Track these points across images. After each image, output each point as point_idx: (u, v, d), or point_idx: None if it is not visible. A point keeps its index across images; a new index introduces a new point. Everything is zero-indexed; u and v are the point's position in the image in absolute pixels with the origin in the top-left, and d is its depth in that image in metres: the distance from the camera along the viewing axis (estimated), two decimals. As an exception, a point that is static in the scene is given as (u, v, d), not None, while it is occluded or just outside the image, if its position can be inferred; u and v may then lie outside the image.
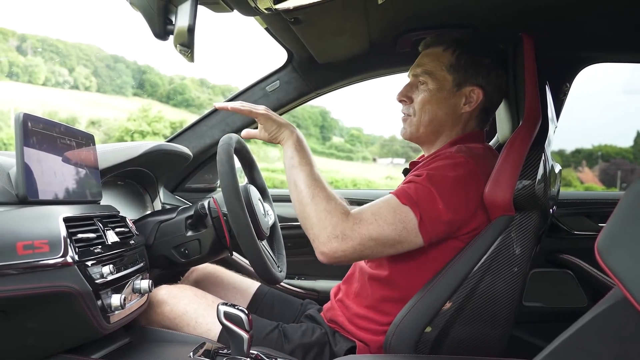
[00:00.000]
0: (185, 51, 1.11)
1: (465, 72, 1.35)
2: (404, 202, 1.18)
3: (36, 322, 1.03)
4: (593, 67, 1.85)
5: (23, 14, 45.85)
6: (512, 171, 1.17)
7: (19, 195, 1.08)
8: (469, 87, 1.36)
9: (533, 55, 1.29)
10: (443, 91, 1.36)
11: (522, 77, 1.29)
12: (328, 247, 1.18)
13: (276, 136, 1.30)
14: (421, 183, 1.20)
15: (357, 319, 1.37)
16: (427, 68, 1.38)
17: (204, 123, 2.05)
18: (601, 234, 0.69)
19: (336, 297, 1.50)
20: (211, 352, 1.23)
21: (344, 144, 34.33)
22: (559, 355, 0.70)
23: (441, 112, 1.37)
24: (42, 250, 0.98)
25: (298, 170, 1.25)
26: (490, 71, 1.36)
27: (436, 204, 1.18)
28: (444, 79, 1.36)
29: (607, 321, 0.67)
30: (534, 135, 1.21)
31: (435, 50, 1.39)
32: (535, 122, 1.23)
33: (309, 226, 1.22)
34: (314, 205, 1.21)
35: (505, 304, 1.19)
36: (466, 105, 1.37)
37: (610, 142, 22.56)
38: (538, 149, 1.20)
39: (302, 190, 1.23)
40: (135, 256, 1.32)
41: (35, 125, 1.13)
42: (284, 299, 1.72)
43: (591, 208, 2.07)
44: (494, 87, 1.38)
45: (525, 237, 1.19)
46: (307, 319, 1.54)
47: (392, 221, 1.17)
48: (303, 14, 1.34)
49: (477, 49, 1.38)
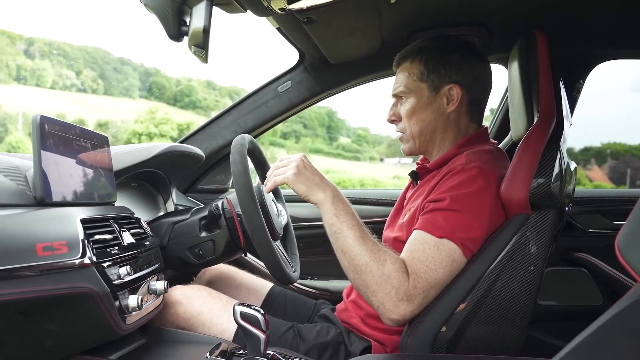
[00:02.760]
0: (199, 52, 1.11)
1: (437, 74, 1.36)
2: (440, 235, 1.16)
3: (55, 324, 1.03)
4: (600, 64, 1.84)
5: (30, 17, 46.17)
6: (528, 169, 1.17)
7: (36, 197, 1.08)
8: (446, 86, 1.36)
9: (547, 53, 1.28)
10: (423, 99, 1.38)
11: (536, 74, 1.28)
12: (397, 313, 1.14)
13: (308, 198, 1.24)
14: (448, 209, 1.18)
15: (371, 319, 1.37)
16: (403, 84, 1.40)
17: (216, 124, 2.06)
18: (621, 231, 0.68)
19: (349, 297, 1.49)
20: (227, 352, 1.23)
21: (351, 144, 34.31)
22: (580, 354, 0.69)
23: (428, 118, 1.38)
24: (61, 252, 0.98)
25: (343, 237, 1.19)
26: (461, 65, 1.37)
27: (470, 225, 1.17)
28: (419, 88, 1.38)
29: (629, 318, 0.67)
30: (549, 132, 1.20)
31: (405, 65, 1.41)
32: (551, 119, 1.22)
33: (370, 294, 1.16)
34: (370, 272, 1.15)
35: (521, 303, 1.17)
36: (450, 104, 1.37)
37: (619, 140, 22.36)
38: (554, 146, 1.19)
39: (352, 258, 1.18)
40: (150, 257, 1.32)
41: (52, 128, 1.14)
42: (297, 299, 1.72)
43: (606, 206, 2.06)
44: (471, 78, 1.38)
45: (542, 235, 1.17)
46: (321, 318, 1.54)
47: (441, 260, 1.15)
48: (316, 14, 1.34)
49: (442, 48, 1.39)
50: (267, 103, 2.02)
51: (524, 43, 1.37)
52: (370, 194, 2.30)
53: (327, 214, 1.22)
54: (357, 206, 2.21)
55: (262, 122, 2.04)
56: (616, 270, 1.93)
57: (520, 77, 1.37)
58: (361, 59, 1.84)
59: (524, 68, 1.36)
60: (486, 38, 1.64)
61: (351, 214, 1.22)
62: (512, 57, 1.46)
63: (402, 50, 1.44)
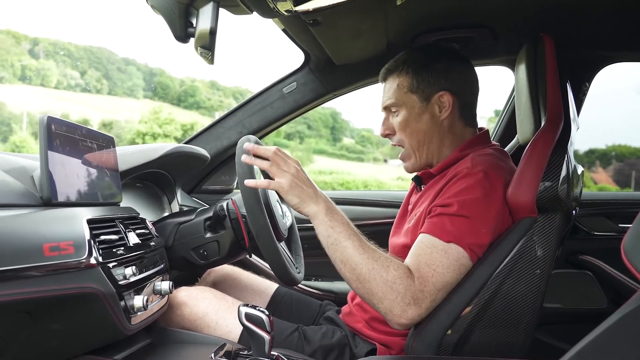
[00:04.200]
0: (205, 53, 1.12)
1: (426, 84, 1.36)
2: (448, 239, 1.16)
3: (60, 324, 1.03)
4: (604, 68, 1.83)
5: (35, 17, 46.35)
6: (535, 172, 1.16)
7: (43, 197, 1.09)
8: (436, 94, 1.36)
9: (554, 56, 1.28)
10: (415, 110, 1.37)
11: (543, 78, 1.28)
12: (405, 317, 1.13)
13: (300, 210, 1.22)
14: (456, 214, 1.18)
15: (376, 322, 1.37)
16: (393, 97, 1.39)
17: (221, 125, 2.06)
18: (627, 234, 0.68)
19: (353, 301, 1.49)
20: (232, 353, 1.23)
21: (354, 145, 34.26)
22: (585, 357, 0.69)
23: (423, 128, 1.38)
24: (68, 252, 0.98)
25: (341, 247, 1.18)
26: (448, 71, 1.37)
27: (478, 230, 1.17)
28: (410, 100, 1.38)
29: (634, 322, 0.66)
30: (556, 136, 1.20)
31: (392, 78, 1.41)
32: (558, 122, 1.22)
33: (376, 301, 1.15)
34: (374, 280, 1.14)
35: (527, 307, 1.17)
36: (442, 112, 1.36)
37: (624, 142, 22.24)
38: (561, 150, 1.18)
39: (354, 268, 1.16)
40: (155, 257, 1.32)
41: (59, 128, 1.14)
42: (302, 300, 1.72)
43: (611, 209, 2.05)
44: (460, 83, 1.38)
45: (548, 239, 1.17)
46: (326, 320, 1.54)
47: (449, 264, 1.15)
48: (322, 16, 1.34)
49: (427, 57, 1.39)
50: (272, 104, 2.02)
51: (532, 46, 1.37)
52: (374, 195, 2.30)
53: (321, 226, 1.20)
54: (361, 208, 2.22)
55: (267, 123, 2.04)
56: (621, 273, 1.93)
57: (527, 81, 1.36)
58: (367, 61, 1.84)
59: (531, 71, 1.36)
60: (491, 40, 1.64)
61: (346, 224, 1.21)
62: (519, 60, 1.45)
63: (387, 64, 1.44)
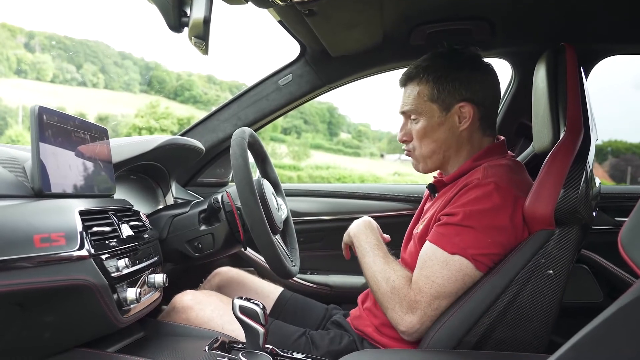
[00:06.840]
0: (200, 44, 1.10)
1: (447, 94, 1.33)
2: (452, 250, 1.17)
3: (53, 316, 1.02)
4: (601, 61, 1.83)
5: (31, 10, 46.07)
6: (555, 185, 1.14)
7: (34, 188, 1.07)
8: (457, 104, 1.33)
9: (576, 65, 1.24)
10: (434, 119, 1.35)
11: (563, 87, 1.24)
12: (404, 325, 1.21)
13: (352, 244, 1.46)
14: (460, 224, 1.18)
15: (386, 328, 1.35)
16: (412, 106, 1.37)
17: (216, 117, 2.05)
18: (624, 227, 0.67)
19: (364, 304, 1.47)
20: (226, 346, 1.22)
21: (351, 140, 34.20)
22: (580, 350, 0.68)
23: (441, 138, 1.36)
24: (59, 244, 0.97)
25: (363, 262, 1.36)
26: (470, 81, 1.33)
27: (483, 241, 1.16)
28: (430, 109, 1.35)
29: (631, 315, 0.66)
30: (577, 147, 1.17)
31: (412, 86, 1.38)
32: (578, 133, 1.18)
33: (384, 309, 1.27)
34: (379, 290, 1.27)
35: (540, 320, 1.16)
36: (462, 122, 1.34)
37: (620, 138, 22.24)
38: (581, 161, 1.15)
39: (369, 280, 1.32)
40: (149, 250, 1.31)
41: (50, 119, 1.13)
42: (307, 304, 1.69)
43: (607, 202, 2.04)
44: (482, 93, 1.34)
45: (565, 252, 1.15)
46: (334, 325, 1.52)
47: (449, 275, 1.17)
48: (318, 6, 1.33)
49: (449, 65, 1.35)
50: (267, 96, 2.01)
51: (551, 54, 1.33)
52: (371, 189, 2.29)
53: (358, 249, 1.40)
54: (359, 201, 2.22)
55: (263, 116, 2.03)
56: (617, 267, 1.93)
57: (547, 90, 1.31)
58: (363, 53, 1.83)
59: (551, 80, 1.31)
60: (488, 33, 1.63)
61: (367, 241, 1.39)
62: (538, 68, 1.40)
63: (407, 68, 1.41)
